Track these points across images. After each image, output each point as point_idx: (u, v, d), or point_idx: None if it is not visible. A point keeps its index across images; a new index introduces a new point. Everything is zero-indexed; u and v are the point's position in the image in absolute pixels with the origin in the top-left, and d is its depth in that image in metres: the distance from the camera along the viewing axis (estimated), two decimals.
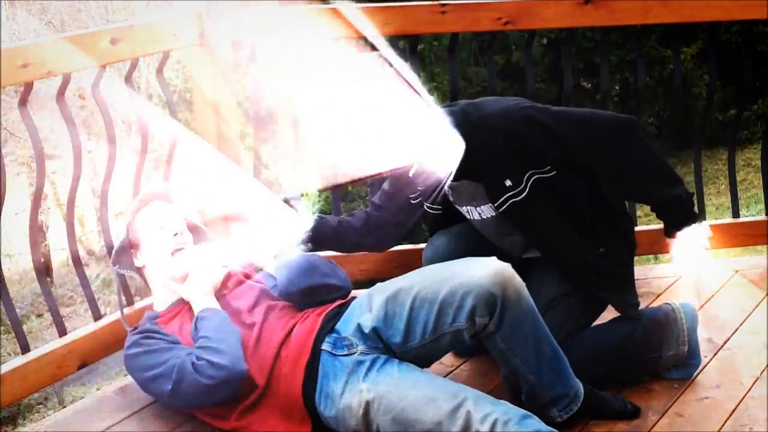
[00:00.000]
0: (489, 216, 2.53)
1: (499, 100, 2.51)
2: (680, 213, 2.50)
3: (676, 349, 2.55)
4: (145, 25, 2.88)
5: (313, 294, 2.42)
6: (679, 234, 2.50)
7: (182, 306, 2.46)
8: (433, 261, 2.67)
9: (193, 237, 2.57)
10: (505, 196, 2.41)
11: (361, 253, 3.26)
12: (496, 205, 2.44)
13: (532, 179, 2.39)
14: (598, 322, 2.60)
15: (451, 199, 2.59)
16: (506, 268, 2.22)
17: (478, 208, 2.53)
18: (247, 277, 2.53)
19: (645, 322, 2.56)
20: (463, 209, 2.58)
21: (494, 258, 2.26)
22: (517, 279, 2.23)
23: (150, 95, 15.72)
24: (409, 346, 2.24)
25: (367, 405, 2.17)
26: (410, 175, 2.50)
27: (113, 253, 2.54)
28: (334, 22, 3.09)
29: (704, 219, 2.54)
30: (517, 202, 2.41)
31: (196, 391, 2.24)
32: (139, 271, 2.55)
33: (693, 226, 2.50)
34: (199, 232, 2.63)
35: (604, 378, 2.49)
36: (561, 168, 2.41)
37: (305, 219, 2.61)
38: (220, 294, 2.45)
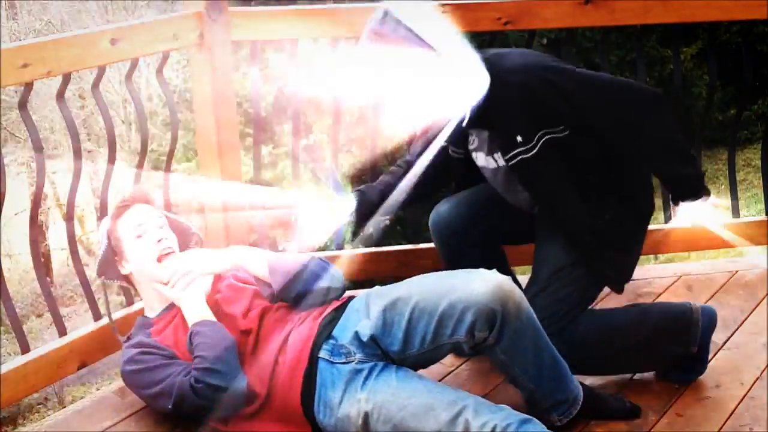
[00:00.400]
0: (501, 166, 2.50)
1: (524, 54, 2.46)
2: (688, 191, 2.48)
3: (684, 348, 2.54)
4: (145, 25, 2.88)
5: (308, 299, 2.39)
6: (683, 204, 2.49)
7: (175, 311, 2.41)
8: (439, 226, 2.66)
9: (177, 236, 2.51)
10: (515, 152, 2.38)
11: (360, 253, 3.27)
12: (506, 158, 2.42)
13: (544, 139, 2.36)
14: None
15: (473, 146, 2.55)
16: (506, 282, 2.20)
17: (492, 156, 2.50)
18: (238, 279, 2.49)
19: (660, 314, 2.54)
20: (480, 156, 2.54)
21: (494, 271, 2.24)
22: (517, 292, 2.21)
23: (150, 95, 15.73)
24: (407, 354, 2.23)
25: (366, 415, 2.16)
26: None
27: (97, 264, 2.48)
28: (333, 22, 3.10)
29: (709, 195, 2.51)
30: (526, 159, 2.38)
31: (198, 411, 2.24)
32: (126, 278, 2.51)
33: (700, 201, 2.47)
34: (183, 229, 2.58)
35: (607, 362, 2.48)
36: (574, 130, 2.38)
37: (346, 200, 2.59)
38: (213, 298, 2.42)
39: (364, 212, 2.62)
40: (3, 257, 14.53)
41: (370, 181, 3.11)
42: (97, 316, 2.83)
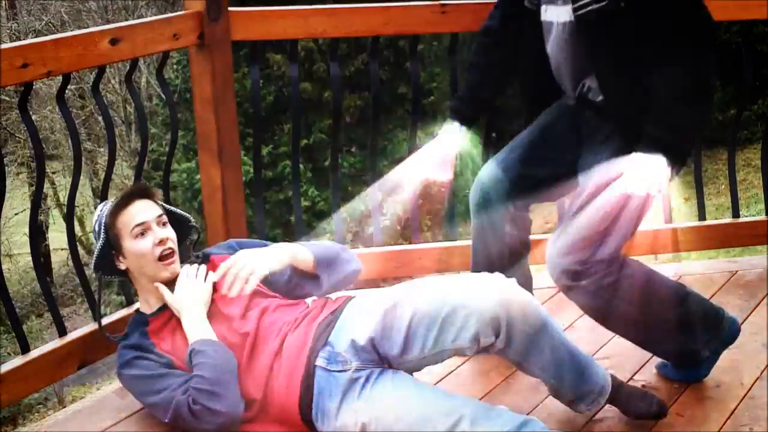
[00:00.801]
0: (568, 22, 2.42)
1: None
2: (661, 138, 2.30)
3: (700, 347, 2.53)
4: (145, 25, 2.88)
5: (341, 284, 2.42)
6: (642, 156, 2.30)
7: (172, 311, 2.39)
8: (484, 194, 2.61)
9: (176, 229, 2.46)
10: (586, 0, 2.33)
11: (360, 252, 3.27)
12: (575, 6, 2.36)
13: None
14: None
15: None
16: (509, 286, 2.17)
17: (563, 8, 2.43)
18: None
19: (696, 305, 2.53)
20: (550, 10, 2.47)
21: (497, 274, 2.22)
22: (522, 295, 2.18)
23: (150, 95, 15.74)
24: (405, 358, 2.20)
25: (364, 426, 2.14)
26: None
27: (94, 258, 2.42)
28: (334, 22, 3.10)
29: (680, 169, 2.34)
30: (594, 10, 2.33)
31: (194, 429, 2.23)
32: (123, 273, 2.46)
33: (663, 159, 2.28)
34: (182, 222, 2.53)
35: (627, 324, 2.46)
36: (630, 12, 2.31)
37: (449, 123, 2.63)
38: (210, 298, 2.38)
39: (473, 116, 2.64)
40: (3, 257, 14.54)
41: (371, 181, 3.10)
42: (99, 309, 2.83)
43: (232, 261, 2.30)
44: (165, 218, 2.44)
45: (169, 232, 2.42)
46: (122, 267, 2.43)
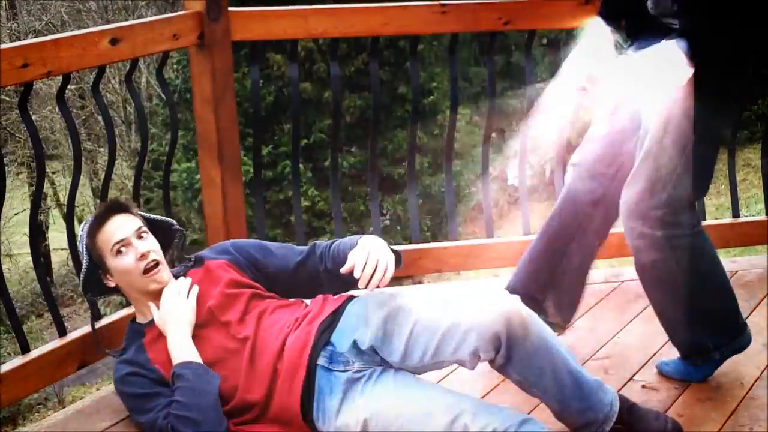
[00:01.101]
0: None
1: None
2: (697, 29, 2.28)
3: (714, 346, 2.54)
4: (145, 25, 2.88)
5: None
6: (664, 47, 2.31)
7: None
8: (584, 172, 2.57)
9: (159, 237, 2.43)
10: None
11: None
12: None
13: None
14: None
15: None
16: (510, 304, 2.15)
17: None
18: (231, 285, 2.41)
19: (731, 304, 2.55)
20: None
21: (501, 290, 2.21)
22: (523, 312, 2.15)
23: (150, 95, 15.75)
24: (405, 364, 2.20)
25: (365, 423, 2.14)
26: None
27: (81, 281, 2.41)
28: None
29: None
30: None
31: None
32: (113, 290, 2.44)
33: (683, 48, 2.27)
34: (164, 228, 2.50)
35: (684, 298, 2.46)
36: None
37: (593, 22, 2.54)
38: (205, 306, 2.36)
39: (621, 14, 2.54)
40: (3, 257, 14.55)
41: (371, 181, 3.08)
42: (96, 316, 2.83)
43: (364, 255, 2.23)
44: (144, 229, 2.39)
45: (150, 244, 2.37)
46: (111, 284, 2.41)
